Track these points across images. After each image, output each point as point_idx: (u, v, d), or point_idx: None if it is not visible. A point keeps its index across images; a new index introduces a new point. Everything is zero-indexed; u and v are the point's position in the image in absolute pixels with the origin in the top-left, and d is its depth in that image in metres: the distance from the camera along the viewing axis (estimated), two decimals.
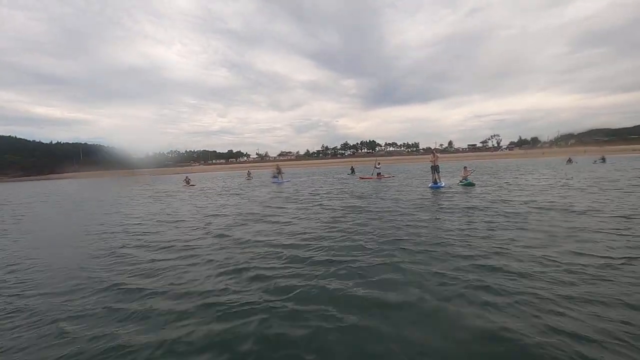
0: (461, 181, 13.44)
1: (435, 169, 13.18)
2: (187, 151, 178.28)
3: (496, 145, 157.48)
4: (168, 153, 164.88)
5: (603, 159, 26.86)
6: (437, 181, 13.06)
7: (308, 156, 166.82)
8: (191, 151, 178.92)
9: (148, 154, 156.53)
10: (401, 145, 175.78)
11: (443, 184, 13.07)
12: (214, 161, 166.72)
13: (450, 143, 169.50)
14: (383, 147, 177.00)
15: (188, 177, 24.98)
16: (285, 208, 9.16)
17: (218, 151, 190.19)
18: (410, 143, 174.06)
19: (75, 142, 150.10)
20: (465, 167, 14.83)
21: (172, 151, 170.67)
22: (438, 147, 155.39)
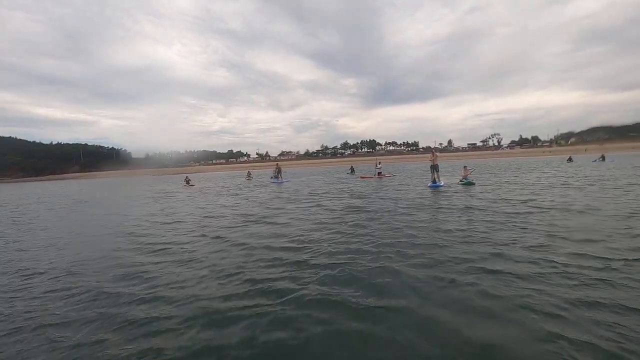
0: (461, 180, 13.38)
1: (434, 168, 13.12)
2: (187, 151, 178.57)
3: (497, 144, 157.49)
4: (168, 153, 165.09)
5: (603, 158, 27.00)
6: (437, 180, 13.00)
7: (308, 156, 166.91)
8: (191, 151, 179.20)
9: (148, 154, 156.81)
10: (401, 144, 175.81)
11: (442, 183, 13.01)
12: (214, 161, 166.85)
13: (449, 142, 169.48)
14: (383, 147, 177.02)
15: (188, 177, 24.97)
16: (283, 208, 9.11)
17: (218, 151, 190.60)
18: (410, 142, 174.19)
19: (75, 143, 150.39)
20: (465, 167, 14.78)
21: (172, 151, 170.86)
22: (437, 146, 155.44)
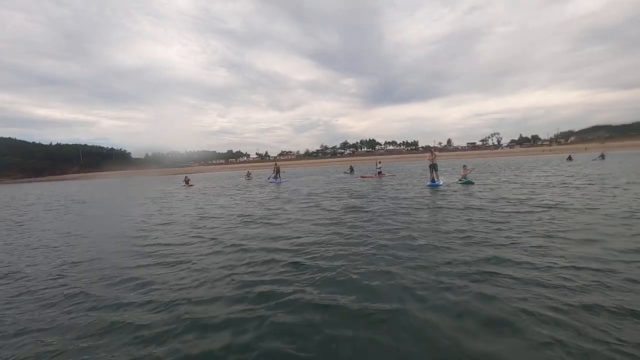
0: (460, 180, 13.36)
1: (433, 168, 13.07)
2: (187, 151, 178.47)
3: (496, 143, 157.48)
4: (167, 154, 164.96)
5: (602, 157, 27.03)
6: (435, 180, 12.97)
7: (308, 156, 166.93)
8: (191, 151, 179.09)
9: (147, 155, 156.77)
10: (401, 143, 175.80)
11: (441, 183, 12.99)
12: (214, 161, 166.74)
13: (449, 141, 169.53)
14: (383, 146, 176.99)
15: (187, 177, 24.93)
16: (281, 209, 9.07)
17: (218, 151, 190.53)
18: (409, 142, 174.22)
19: (74, 144, 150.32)
20: (464, 166, 14.77)
21: (172, 152, 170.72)
22: (437, 146, 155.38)
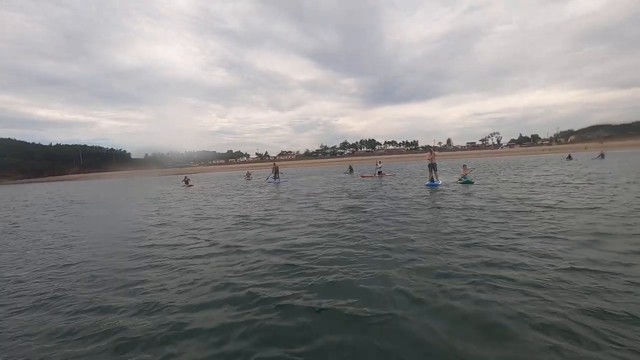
0: (460, 179, 13.35)
1: (432, 167, 13.05)
2: (187, 152, 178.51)
3: (496, 142, 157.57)
4: (167, 154, 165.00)
5: (602, 156, 27.07)
6: (434, 179, 12.95)
7: (308, 156, 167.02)
8: (191, 152, 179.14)
9: (147, 155, 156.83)
10: (400, 143, 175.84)
11: (440, 182, 12.98)
12: (213, 162, 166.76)
13: (449, 141, 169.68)
14: (382, 146, 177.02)
15: (187, 177, 24.91)
16: (280, 209, 9.05)
17: (217, 151, 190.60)
18: (409, 141, 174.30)
19: (74, 144, 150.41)
20: (464, 166, 14.76)
21: (171, 152, 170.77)
22: (437, 145, 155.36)
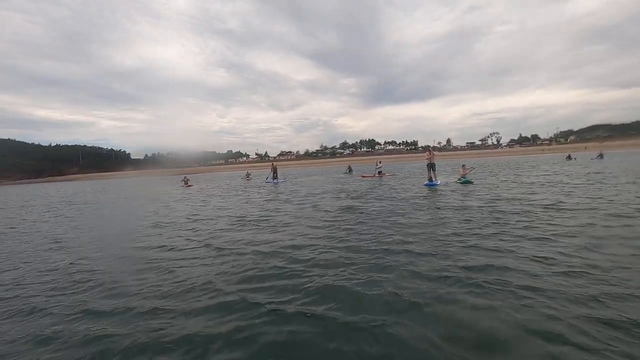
0: (459, 179, 13.35)
1: (431, 167, 13.03)
2: (187, 152, 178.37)
3: (496, 142, 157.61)
4: (167, 154, 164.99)
5: (601, 156, 27.13)
6: (433, 179, 12.93)
7: (307, 156, 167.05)
8: (191, 152, 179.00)
9: (147, 155, 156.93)
10: (400, 143, 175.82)
11: (439, 182, 12.98)
12: (213, 162, 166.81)
13: (448, 141, 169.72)
14: (382, 146, 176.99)
15: (187, 178, 24.94)
16: (278, 209, 9.04)
17: (217, 152, 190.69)
18: (409, 141, 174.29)
19: (74, 145, 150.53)
20: (463, 166, 14.76)
21: (171, 152, 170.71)
22: (437, 145, 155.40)
